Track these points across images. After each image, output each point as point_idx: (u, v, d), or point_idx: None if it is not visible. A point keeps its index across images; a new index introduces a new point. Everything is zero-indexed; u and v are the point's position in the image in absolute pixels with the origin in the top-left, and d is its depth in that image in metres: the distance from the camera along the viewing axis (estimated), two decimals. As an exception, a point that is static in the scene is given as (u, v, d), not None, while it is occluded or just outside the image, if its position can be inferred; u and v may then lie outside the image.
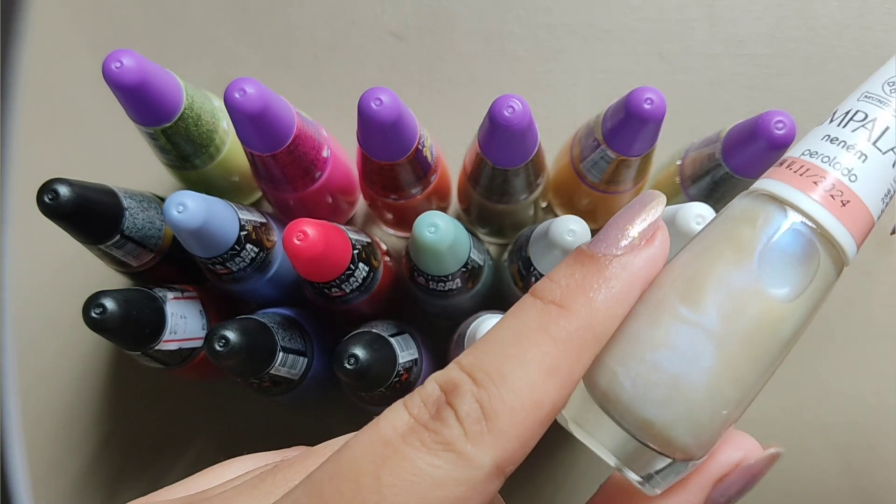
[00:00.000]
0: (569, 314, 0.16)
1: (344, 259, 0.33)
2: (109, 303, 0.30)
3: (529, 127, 0.30)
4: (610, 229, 0.17)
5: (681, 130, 0.40)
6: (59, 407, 0.44)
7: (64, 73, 0.47)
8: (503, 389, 0.15)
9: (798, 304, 0.17)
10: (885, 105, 0.18)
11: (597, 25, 0.46)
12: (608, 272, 0.16)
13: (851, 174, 0.17)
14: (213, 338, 0.30)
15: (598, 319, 0.16)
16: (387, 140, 0.32)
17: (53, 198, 0.30)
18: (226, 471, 0.21)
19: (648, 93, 0.30)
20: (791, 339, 0.17)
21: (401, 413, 0.15)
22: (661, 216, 0.17)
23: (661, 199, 0.17)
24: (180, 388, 0.44)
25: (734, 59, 0.45)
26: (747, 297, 0.16)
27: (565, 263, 0.17)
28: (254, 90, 0.30)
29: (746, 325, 0.16)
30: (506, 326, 0.16)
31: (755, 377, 0.17)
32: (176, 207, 0.29)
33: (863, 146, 0.17)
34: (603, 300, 0.16)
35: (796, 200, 0.17)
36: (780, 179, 0.18)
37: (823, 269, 0.17)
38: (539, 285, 0.17)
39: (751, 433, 0.18)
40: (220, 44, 0.46)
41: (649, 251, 0.17)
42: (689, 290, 0.17)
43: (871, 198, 0.17)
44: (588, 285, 0.16)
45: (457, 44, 0.46)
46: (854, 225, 0.17)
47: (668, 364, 0.16)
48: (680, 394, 0.16)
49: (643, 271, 0.17)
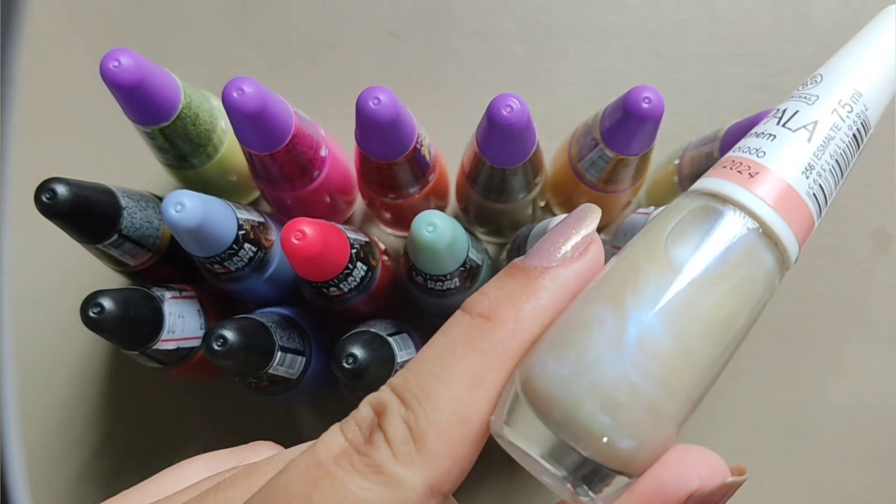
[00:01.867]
0: (495, 325, 0.16)
1: (342, 258, 0.33)
2: (107, 302, 0.30)
3: (527, 126, 0.30)
4: (544, 243, 0.17)
5: (679, 129, 0.40)
6: (57, 406, 0.44)
7: (62, 73, 0.47)
8: (429, 408, 0.15)
9: (717, 278, 0.16)
10: (795, 97, 0.19)
11: (595, 25, 0.46)
12: (538, 284, 0.16)
13: (759, 152, 0.18)
14: (212, 337, 0.30)
15: (524, 327, 0.16)
16: (385, 139, 0.32)
17: (51, 197, 0.30)
18: (183, 472, 0.21)
19: (647, 92, 0.30)
20: (725, 318, 0.16)
21: (336, 436, 0.16)
22: (595, 228, 0.17)
23: (596, 214, 0.18)
24: (178, 388, 0.44)
25: (732, 58, 0.45)
26: (657, 274, 0.16)
27: (497, 277, 0.17)
28: (252, 89, 0.30)
29: (661, 302, 0.16)
30: (434, 344, 0.16)
31: (682, 360, 0.16)
32: (174, 207, 0.29)
33: (772, 130, 0.18)
34: (530, 310, 0.16)
35: (702, 184, 0.18)
36: (702, 178, 0.18)
37: (735, 234, 0.17)
38: (470, 299, 0.17)
39: (749, 434, 0.17)
40: (217, 43, 0.46)
41: (580, 264, 0.17)
42: (605, 278, 0.17)
43: (786, 169, 0.17)
44: (517, 297, 0.16)
45: (455, 43, 0.46)
46: (766, 189, 0.17)
47: (579, 343, 0.16)
48: (589, 367, 0.15)
49: (573, 283, 0.17)
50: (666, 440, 0.16)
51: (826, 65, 0.20)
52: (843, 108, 0.18)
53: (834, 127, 0.18)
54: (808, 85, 0.19)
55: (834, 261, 0.43)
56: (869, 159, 0.44)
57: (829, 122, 0.18)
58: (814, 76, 0.19)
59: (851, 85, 0.19)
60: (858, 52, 0.19)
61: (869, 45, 0.20)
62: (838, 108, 0.18)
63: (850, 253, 0.43)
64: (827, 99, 0.18)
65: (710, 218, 0.17)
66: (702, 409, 0.45)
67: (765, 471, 0.42)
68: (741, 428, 0.42)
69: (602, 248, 0.17)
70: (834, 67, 0.19)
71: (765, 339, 0.43)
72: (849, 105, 0.18)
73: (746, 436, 0.42)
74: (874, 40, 0.20)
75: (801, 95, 0.19)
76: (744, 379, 0.42)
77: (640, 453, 0.16)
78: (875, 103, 0.19)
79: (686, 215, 0.17)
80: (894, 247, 0.43)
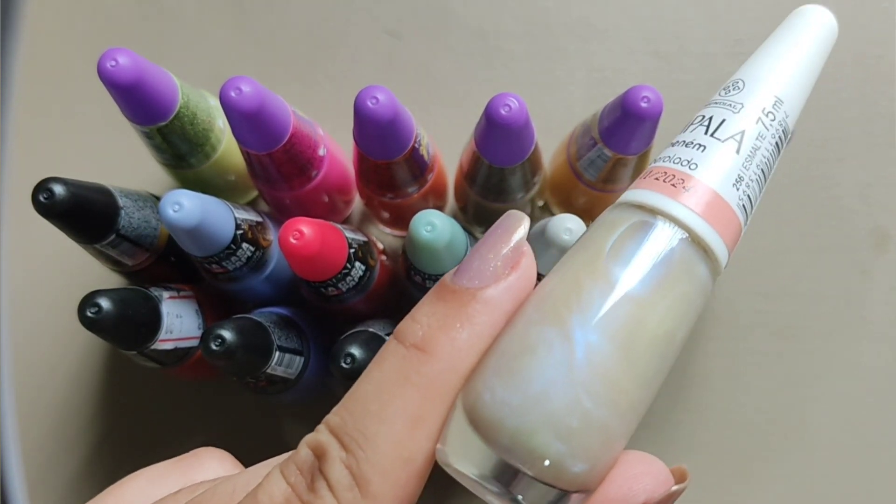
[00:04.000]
0: (430, 358, 0.15)
1: (340, 258, 0.32)
2: (105, 302, 0.30)
3: (526, 125, 0.30)
4: (473, 258, 0.16)
5: (677, 129, 0.40)
6: (54, 406, 0.44)
7: (59, 72, 0.47)
8: (370, 451, 0.15)
9: (652, 291, 0.16)
10: (720, 104, 0.19)
11: (593, 24, 0.46)
12: (471, 308, 0.16)
13: (691, 164, 0.18)
14: (209, 337, 0.30)
15: (461, 358, 0.15)
16: (383, 138, 0.32)
17: (48, 197, 0.30)
18: (125, 491, 0.21)
19: (645, 91, 0.30)
20: (666, 333, 0.16)
21: (278, 482, 0.15)
22: (524, 239, 0.17)
23: (524, 222, 0.17)
24: (176, 388, 0.43)
25: (731, 57, 0.45)
26: (601, 294, 0.16)
27: (428, 300, 0.16)
28: (249, 88, 0.30)
29: (607, 323, 0.16)
30: (370, 379, 0.16)
31: (625, 377, 0.16)
32: (172, 206, 0.29)
33: (700, 139, 0.18)
34: (466, 339, 0.15)
35: (635, 197, 0.18)
36: (631, 188, 0.18)
37: (670, 250, 0.17)
38: (402, 326, 0.16)
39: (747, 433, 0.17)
40: (215, 42, 0.46)
41: (513, 279, 0.16)
42: (545, 297, 0.16)
43: (717, 181, 0.17)
44: (450, 325, 0.15)
45: (453, 42, 0.46)
46: (700, 205, 0.17)
47: (527, 369, 0.15)
48: (541, 395, 0.15)
49: (507, 303, 0.16)
50: (615, 456, 0.16)
51: (746, 67, 0.20)
52: (767, 116, 0.18)
53: (759, 136, 0.18)
54: (731, 91, 0.19)
55: (833, 261, 0.43)
56: (867, 159, 0.44)
57: (754, 132, 0.18)
58: (735, 81, 0.19)
59: (773, 92, 0.19)
60: (776, 55, 0.19)
61: (786, 48, 0.20)
62: (762, 116, 0.18)
63: (849, 253, 0.43)
64: (751, 107, 0.18)
65: (648, 233, 0.17)
66: (700, 409, 0.45)
67: (763, 471, 0.42)
68: (739, 428, 0.42)
69: (533, 259, 0.17)
70: (755, 72, 0.19)
71: (763, 338, 0.43)
72: (772, 113, 0.19)
73: (745, 436, 0.42)
74: (791, 44, 0.20)
75: (726, 102, 0.19)
76: (741, 379, 0.42)
77: (591, 473, 0.16)
78: (793, 109, 0.19)
79: (625, 230, 0.17)
80: (893, 247, 0.43)
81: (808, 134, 0.43)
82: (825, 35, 0.20)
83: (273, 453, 0.46)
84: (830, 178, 0.44)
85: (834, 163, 0.44)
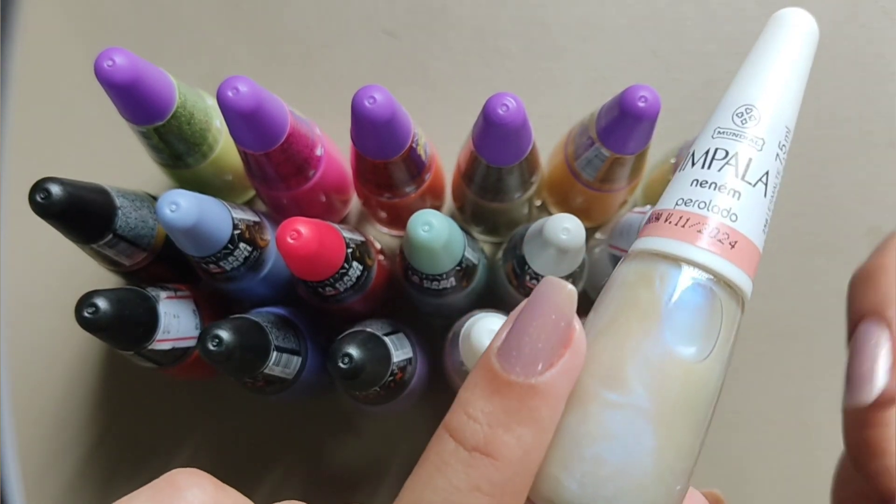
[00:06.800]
0: (499, 464, 0.14)
1: (338, 258, 0.32)
2: (102, 302, 0.30)
3: (523, 125, 0.30)
4: (521, 341, 0.15)
5: (675, 128, 0.40)
6: (52, 406, 0.44)
7: (56, 72, 0.47)
8: None
9: (715, 354, 0.16)
10: (740, 138, 0.18)
11: (591, 23, 0.46)
12: (532, 403, 0.15)
13: (731, 214, 0.17)
14: (207, 337, 0.30)
15: (531, 459, 0.15)
16: (380, 138, 0.32)
17: (45, 197, 0.30)
18: None
19: (643, 91, 0.30)
20: (719, 388, 0.16)
21: None
22: (573, 312, 0.15)
23: (570, 293, 0.16)
24: (174, 388, 0.43)
25: (728, 57, 0.45)
26: (667, 365, 0.16)
27: (480, 392, 0.15)
28: (246, 88, 0.30)
29: (675, 394, 0.15)
30: (434, 489, 0.15)
31: (697, 441, 0.16)
32: (169, 206, 0.29)
33: (733, 183, 0.17)
34: (532, 437, 0.15)
35: (687, 254, 0.17)
36: (665, 235, 0.17)
37: (728, 314, 0.17)
38: (455, 423, 0.15)
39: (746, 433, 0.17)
40: (213, 42, 0.46)
41: (567, 360, 0.15)
42: (610, 374, 0.16)
43: (754, 231, 0.17)
44: (513, 423, 0.15)
45: (450, 41, 0.46)
46: (746, 263, 0.17)
47: (610, 455, 0.15)
48: (631, 482, 0.15)
49: (566, 387, 0.15)
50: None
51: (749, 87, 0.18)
52: (781, 149, 0.18)
53: (777, 173, 0.18)
54: (747, 121, 0.18)
55: (830, 260, 0.43)
56: (865, 158, 0.44)
57: (774, 169, 0.18)
58: (748, 108, 0.18)
59: (784, 123, 0.18)
60: (778, 75, 0.18)
61: (787, 67, 0.18)
62: (779, 151, 0.18)
63: (847, 252, 0.43)
64: (770, 143, 0.18)
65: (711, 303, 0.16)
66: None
67: (762, 470, 0.42)
68: (738, 427, 0.42)
69: (583, 330, 0.16)
70: (765, 98, 0.18)
71: (761, 339, 0.43)
72: (784, 145, 0.18)
73: (743, 435, 0.42)
74: (789, 62, 0.18)
75: (745, 136, 0.18)
76: (740, 379, 0.42)
77: None
78: (791, 132, 0.19)
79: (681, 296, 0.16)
80: (890, 245, 0.43)
81: (806, 133, 0.43)
82: (814, 44, 0.20)
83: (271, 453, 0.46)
84: (828, 177, 0.44)
85: (831, 162, 0.44)
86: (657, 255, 0.17)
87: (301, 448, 0.43)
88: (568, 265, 0.32)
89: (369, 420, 0.43)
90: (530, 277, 0.33)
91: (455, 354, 0.33)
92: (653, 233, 0.17)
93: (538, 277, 0.33)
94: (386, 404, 0.36)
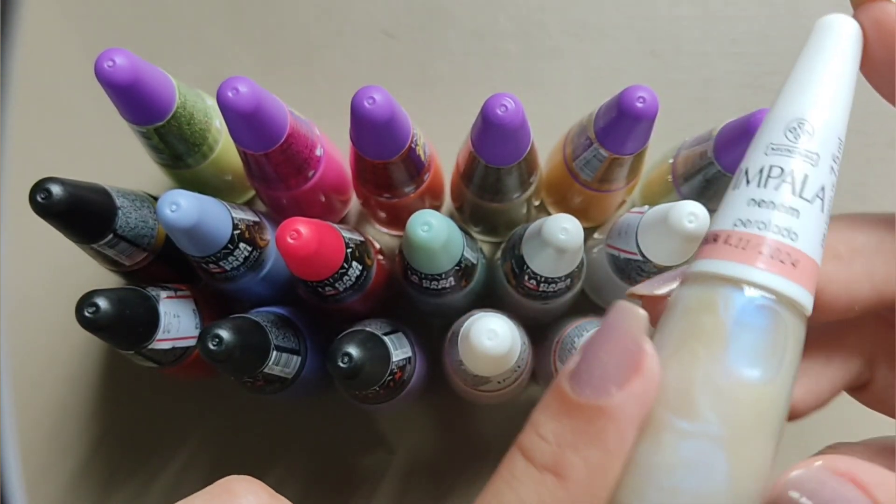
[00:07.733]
0: (567, 484, 0.15)
1: (337, 258, 0.33)
2: (102, 302, 0.30)
3: (522, 125, 0.31)
4: (592, 364, 0.15)
5: (673, 129, 0.40)
6: (52, 406, 0.44)
7: (56, 72, 0.47)
8: None
9: (783, 374, 0.16)
10: (793, 153, 0.18)
11: (589, 24, 0.46)
12: (600, 425, 0.15)
13: (791, 233, 0.17)
14: (207, 337, 0.30)
15: (598, 480, 0.15)
16: (380, 138, 0.32)
17: (46, 197, 0.30)
18: None
19: (641, 91, 0.30)
20: (788, 405, 0.17)
21: None
22: (644, 336, 0.16)
23: (640, 317, 0.16)
24: (174, 388, 0.43)
25: (726, 57, 0.45)
26: (736, 390, 0.16)
27: (551, 413, 0.15)
28: (246, 89, 0.30)
29: (747, 418, 0.16)
30: (500, 502, 0.15)
31: (769, 460, 0.16)
32: (169, 206, 0.29)
33: (791, 202, 0.17)
34: (599, 459, 0.15)
35: (749, 276, 0.16)
36: (725, 258, 0.17)
37: (794, 333, 0.16)
38: (527, 443, 0.15)
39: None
40: (212, 42, 0.46)
41: (637, 386, 0.15)
42: (680, 403, 0.16)
43: (813, 248, 0.17)
44: (579, 443, 0.15)
45: (449, 42, 0.46)
46: (808, 280, 0.17)
47: (686, 483, 0.15)
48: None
49: (636, 412, 0.15)
50: None
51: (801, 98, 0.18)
52: (835, 162, 0.18)
53: (832, 186, 0.18)
54: (801, 135, 0.18)
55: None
56: (863, 158, 0.44)
57: (830, 183, 0.17)
58: (800, 122, 0.18)
59: (837, 135, 0.18)
60: (828, 85, 0.18)
61: (837, 76, 0.18)
62: (833, 163, 0.18)
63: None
64: (825, 157, 0.17)
65: (776, 324, 0.16)
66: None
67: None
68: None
69: (657, 356, 0.16)
70: (818, 111, 0.18)
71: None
72: (837, 157, 0.18)
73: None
74: (839, 71, 0.18)
75: (799, 151, 0.18)
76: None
77: None
78: (843, 143, 0.18)
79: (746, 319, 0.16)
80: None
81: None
82: (860, 49, 0.19)
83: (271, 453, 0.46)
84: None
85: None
86: (718, 277, 0.17)
87: (301, 448, 0.43)
88: (566, 265, 0.32)
89: (369, 420, 0.43)
90: (529, 277, 0.33)
91: (454, 354, 0.33)
92: (712, 255, 0.17)
93: (537, 277, 0.33)
94: (385, 403, 0.36)
